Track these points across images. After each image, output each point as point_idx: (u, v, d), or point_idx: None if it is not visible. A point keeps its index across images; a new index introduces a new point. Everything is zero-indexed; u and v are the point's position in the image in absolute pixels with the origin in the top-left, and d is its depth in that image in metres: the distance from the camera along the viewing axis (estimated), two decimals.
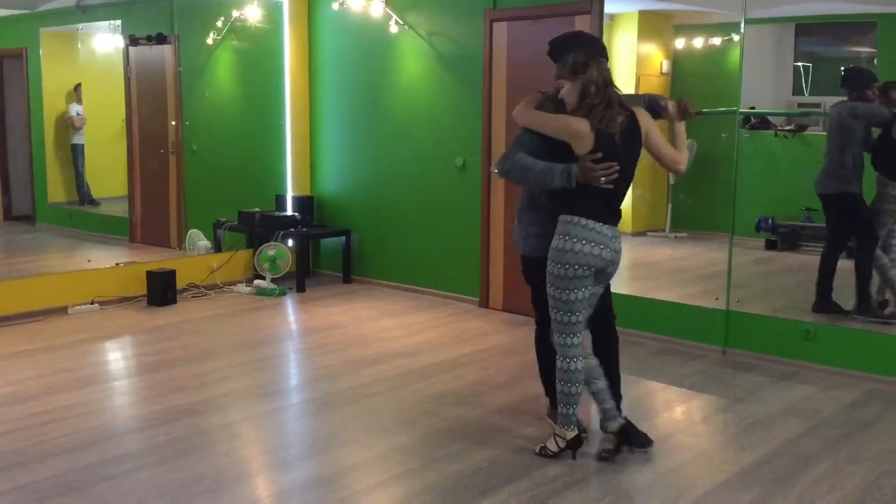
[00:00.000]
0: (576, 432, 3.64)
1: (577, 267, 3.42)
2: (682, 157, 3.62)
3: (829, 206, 5.40)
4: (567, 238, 3.43)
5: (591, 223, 3.42)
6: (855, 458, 3.75)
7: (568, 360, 3.56)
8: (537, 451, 3.70)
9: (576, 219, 3.43)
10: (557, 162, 3.43)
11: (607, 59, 3.52)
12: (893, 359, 4.72)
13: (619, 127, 3.40)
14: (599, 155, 3.37)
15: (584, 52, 3.47)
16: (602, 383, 3.64)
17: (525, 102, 3.63)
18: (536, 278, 3.69)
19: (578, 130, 3.38)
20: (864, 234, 5.28)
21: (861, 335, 4.96)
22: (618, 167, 3.40)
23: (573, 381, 3.56)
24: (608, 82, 3.44)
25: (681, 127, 3.65)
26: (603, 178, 3.38)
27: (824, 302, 5.32)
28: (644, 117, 3.53)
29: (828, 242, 5.42)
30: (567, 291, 3.46)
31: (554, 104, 3.56)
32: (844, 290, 5.32)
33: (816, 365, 4.94)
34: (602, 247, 3.43)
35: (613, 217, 3.51)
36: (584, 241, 3.41)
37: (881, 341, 4.84)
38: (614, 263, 3.54)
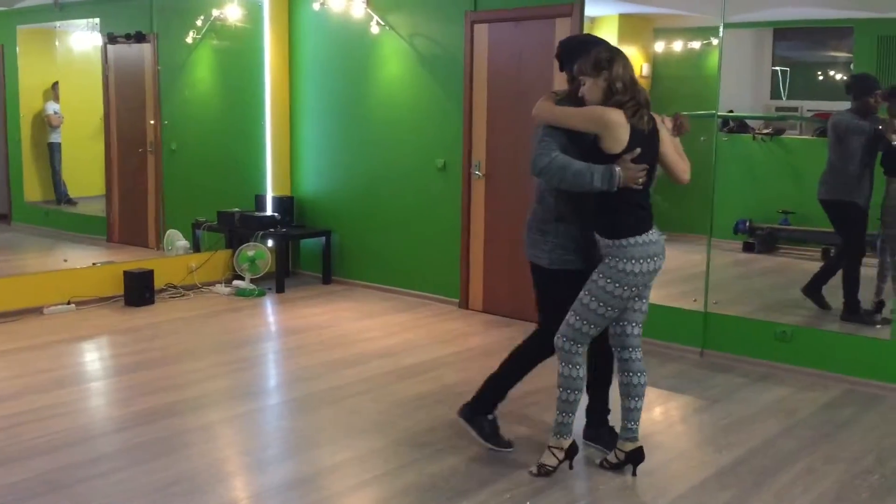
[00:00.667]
0: (572, 440, 3.53)
1: (634, 288, 3.34)
2: (688, 167, 3.59)
3: (827, 211, 5.44)
4: (630, 261, 3.29)
5: (645, 238, 3.31)
6: (830, 458, 3.79)
7: (574, 367, 3.42)
8: (535, 472, 3.52)
9: (632, 240, 3.29)
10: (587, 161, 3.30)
11: None
12: (868, 360, 4.78)
13: (647, 125, 3.33)
14: (638, 151, 3.25)
15: (606, 48, 3.39)
16: (641, 403, 3.51)
17: (544, 99, 3.49)
18: (555, 290, 3.54)
19: (615, 120, 3.24)
20: (856, 243, 5.34)
21: (836, 337, 5.02)
22: (647, 167, 3.30)
23: (577, 389, 3.44)
24: (634, 80, 3.34)
25: (677, 140, 3.59)
26: (640, 180, 3.28)
27: (814, 290, 5.40)
28: (660, 123, 3.47)
29: (838, 247, 5.52)
30: (611, 308, 3.35)
31: (572, 102, 3.42)
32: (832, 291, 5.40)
33: (792, 366, 4.99)
34: (658, 258, 3.36)
35: (652, 219, 3.41)
36: (645, 260, 3.31)
37: (856, 343, 4.89)
38: (664, 259, 3.46)
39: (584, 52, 3.40)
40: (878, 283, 5.26)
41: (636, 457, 3.53)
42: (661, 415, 4.44)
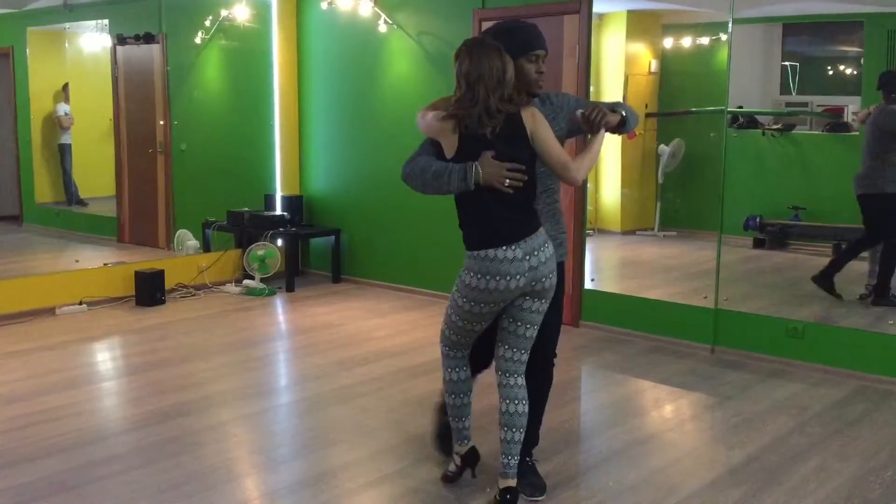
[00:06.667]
0: (470, 446, 3.38)
1: (483, 304, 3.06)
2: (575, 164, 3.07)
3: (862, 205, 5.43)
4: (468, 273, 3.11)
5: (491, 252, 3.02)
6: (842, 455, 3.77)
7: (447, 369, 3.31)
8: (441, 477, 3.45)
9: (473, 253, 3.08)
10: None
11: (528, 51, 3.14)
12: (880, 357, 4.75)
13: (490, 127, 2.98)
14: (493, 153, 2.98)
15: (468, 40, 3.12)
16: (519, 436, 3.18)
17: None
18: None
19: (432, 127, 3.10)
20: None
21: (848, 333, 4.99)
22: (524, 168, 3.00)
23: (455, 392, 3.30)
24: (485, 76, 2.97)
25: (596, 138, 3.14)
26: (507, 181, 2.96)
27: (826, 280, 5.43)
28: (531, 117, 3.05)
29: (861, 236, 5.53)
30: (461, 319, 3.18)
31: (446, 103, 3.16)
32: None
33: (804, 363, 4.97)
34: (506, 278, 3.00)
35: (518, 233, 3.03)
36: (484, 277, 3.03)
37: (868, 339, 4.87)
38: (538, 280, 3.04)
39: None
40: None
41: (511, 499, 3.15)
42: (671, 412, 4.43)
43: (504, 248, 3.00)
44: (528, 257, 3.01)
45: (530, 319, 3.13)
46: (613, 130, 3.23)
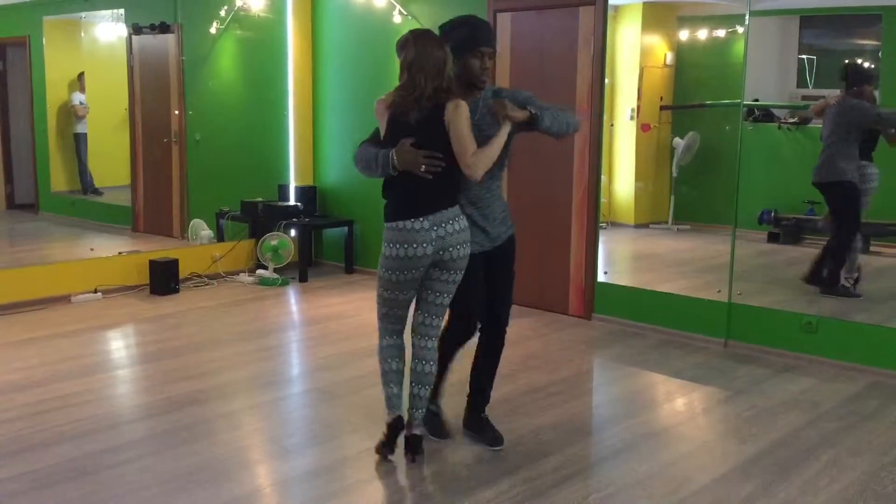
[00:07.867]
0: (395, 415, 3.57)
1: (399, 272, 3.36)
2: (473, 158, 3.27)
3: (822, 193, 5.58)
4: (385, 244, 3.39)
5: (401, 224, 3.32)
6: (856, 450, 3.76)
7: (380, 337, 3.65)
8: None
9: (389, 224, 3.37)
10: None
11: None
12: (894, 352, 4.72)
13: (416, 115, 3.28)
14: (412, 140, 3.27)
15: (412, 31, 3.40)
16: (426, 391, 3.56)
17: None
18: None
19: (376, 109, 3.41)
20: (853, 221, 5.48)
21: (862, 328, 4.96)
22: (441, 157, 3.26)
23: (381, 359, 3.63)
24: (425, 66, 3.26)
25: (498, 134, 3.35)
26: (423, 167, 3.25)
27: (833, 283, 5.50)
28: (454, 108, 3.27)
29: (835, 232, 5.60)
30: (385, 290, 3.51)
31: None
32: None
33: (818, 357, 4.95)
34: (414, 245, 3.30)
35: (427, 207, 3.31)
36: (396, 245, 3.33)
37: (882, 334, 4.84)
38: (444, 249, 3.33)
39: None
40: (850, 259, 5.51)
41: (413, 444, 3.54)
42: (684, 406, 4.42)
43: (412, 219, 3.31)
44: (435, 228, 3.31)
45: (442, 289, 3.46)
46: (531, 128, 3.40)
